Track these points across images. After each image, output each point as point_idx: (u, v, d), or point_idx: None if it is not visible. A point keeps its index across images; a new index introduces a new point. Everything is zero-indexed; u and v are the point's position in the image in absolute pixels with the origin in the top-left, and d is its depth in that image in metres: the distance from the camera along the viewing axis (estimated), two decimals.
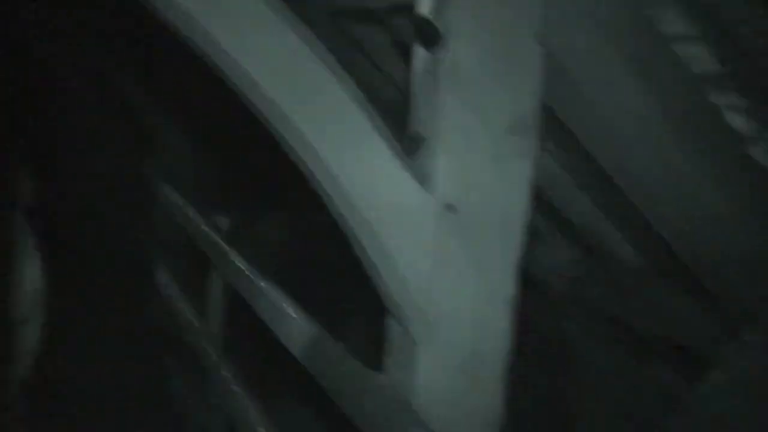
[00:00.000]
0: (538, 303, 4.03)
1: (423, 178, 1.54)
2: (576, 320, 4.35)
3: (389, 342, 1.73)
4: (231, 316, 3.29)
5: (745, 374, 2.08)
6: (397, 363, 1.71)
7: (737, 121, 1.97)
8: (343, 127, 1.49)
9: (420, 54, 1.60)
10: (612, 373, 4.47)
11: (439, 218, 1.56)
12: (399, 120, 1.66)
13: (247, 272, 2.78)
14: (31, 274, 3.32)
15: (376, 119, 1.51)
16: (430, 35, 1.51)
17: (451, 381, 1.65)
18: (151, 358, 3.55)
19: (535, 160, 1.64)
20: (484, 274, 1.64)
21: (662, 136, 1.77)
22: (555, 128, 2.09)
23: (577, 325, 4.36)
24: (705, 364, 2.31)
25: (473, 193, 1.59)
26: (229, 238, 3.24)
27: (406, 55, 1.90)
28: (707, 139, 1.79)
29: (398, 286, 1.58)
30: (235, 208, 4.15)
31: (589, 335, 4.41)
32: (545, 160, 2.95)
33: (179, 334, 3.69)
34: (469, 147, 1.55)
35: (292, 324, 2.21)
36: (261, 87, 1.43)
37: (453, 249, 1.60)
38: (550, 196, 3.24)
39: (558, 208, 3.34)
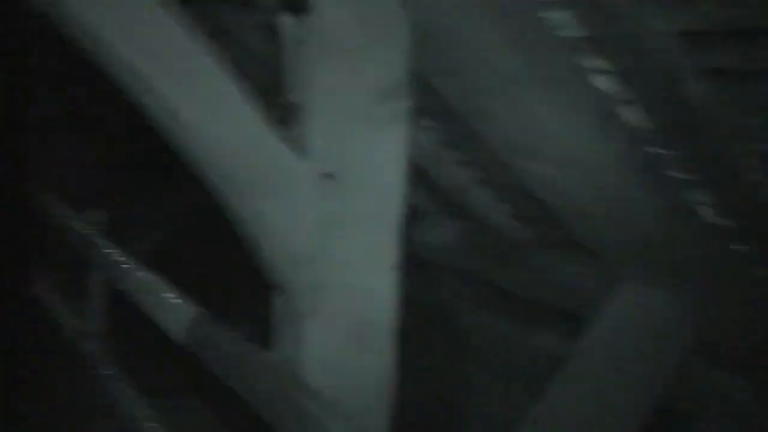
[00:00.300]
0: (424, 278, 4.08)
1: (298, 147, 1.52)
2: (461, 293, 4.43)
3: (276, 317, 1.71)
4: (113, 311, 3.19)
5: (620, 326, 2.16)
6: (285, 338, 1.69)
7: (605, 84, 2.03)
8: (214, 101, 1.46)
9: (288, 23, 1.58)
10: (500, 341, 4.58)
11: (317, 186, 1.55)
12: (271, 95, 1.63)
13: (124, 264, 2.70)
14: None
15: (247, 92, 1.48)
16: (297, 2, 1.49)
17: (341, 350, 1.64)
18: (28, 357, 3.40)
19: (409, 126, 1.65)
20: (366, 241, 1.64)
21: (531, 98, 1.81)
22: (432, 105, 2.11)
23: (463, 298, 4.44)
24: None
25: (350, 159, 1.58)
26: (104, 232, 3.13)
27: (274, 34, 1.88)
28: (575, 100, 1.84)
29: (280, 258, 1.56)
30: (111, 200, 4.01)
31: (475, 307, 4.50)
32: (424, 138, 2.97)
33: (59, 333, 3.55)
34: (343, 113, 1.54)
35: (173, 310, 2.16)
36: (129, 62, 1.38)
37: (334, 217, 1.59)
38: (430, 174, 3.28)
39: (439, 185, 3.38)
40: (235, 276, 3.00)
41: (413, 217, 1.67)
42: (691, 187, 1.94)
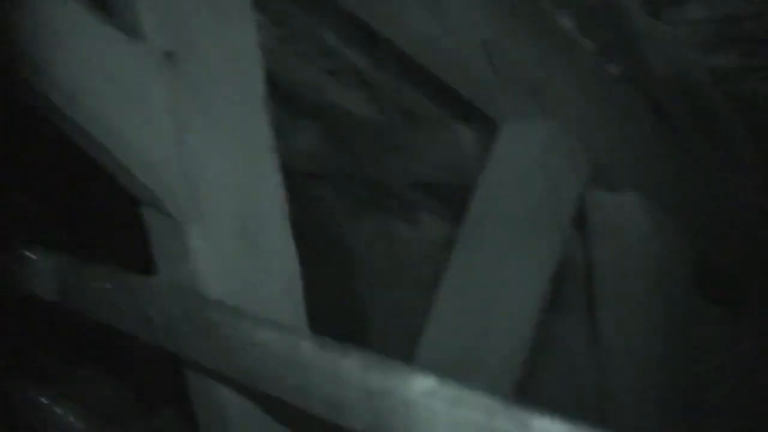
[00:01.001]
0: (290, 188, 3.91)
1: (130, 28, 1.29)
2: (334, 197, 4.30)
3: (152, 235, 1.50)
4: None
5: (509, 178, 2.06)
6: (167, 255, 1.49)
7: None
8: None
9: None
10: (382, 240, 4.50)
11: (161, 72, 1.33)
12: None
13: None
14: None
15: None
16: None
17: (234, 256, 1.46)
18: None
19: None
20: (233, 129, 1.45)
21: None
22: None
23: (336, 202, 4.31)
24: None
25: (194, 37, 1.37)
26: None
27: None
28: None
29: (139, 164, 1.35)
30: None
31: (351, 209, 4.39)
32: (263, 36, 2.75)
33: None
34: None
35: (35, 268, 1.89)
36: None
37: (188, 108, 1.38)
38: (277, 74, 3.07)
39: (287, 84, 3.18)
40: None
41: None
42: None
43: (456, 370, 1.85)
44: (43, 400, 2.21)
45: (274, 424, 1.55)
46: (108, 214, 3.09)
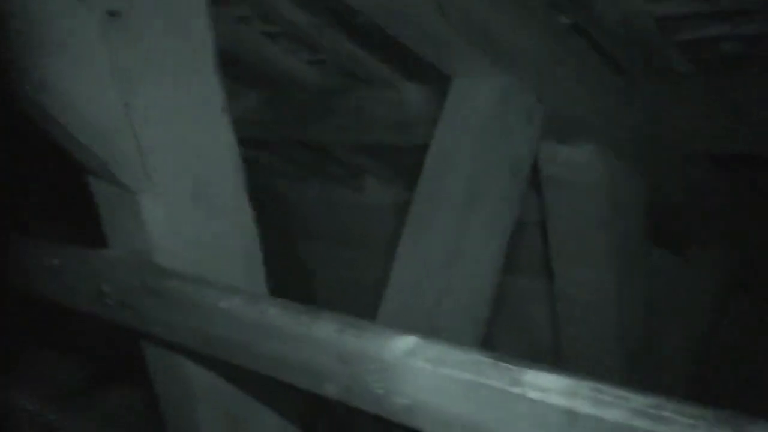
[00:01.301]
0: None
1: None
2: (279, 165, 4.23)
3: (102, 207, 1.43)
4: None
5: (463, 131, 2.02)
6: (119, 227, 1.42)
7: None
8: None
9: None
10: (333, 207, 4.45)
11: (104, 33, 1.25)
12: None
13: None
14: None
15: None
16: None
17: (188, 219, 1.40)
18: None
19: None
20: (184, 94, 1.38)
21: None
22: None
23: (281, 170, 4.25)
24: None
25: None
26: None
27: None
28: None
29: (85, 130, 1.27)
30: None
31: (297, 177, 4.32)
32: None
33: None
34: None
35: None
36: None
37: (136, 70, 1.31)
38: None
39: (226, 49, 3.08)
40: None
41: None
42: None
43: (419, 333, 1.82)
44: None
45: (243, 396, 1.50)
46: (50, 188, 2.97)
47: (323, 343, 1.05)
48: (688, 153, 2.31)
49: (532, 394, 0.84)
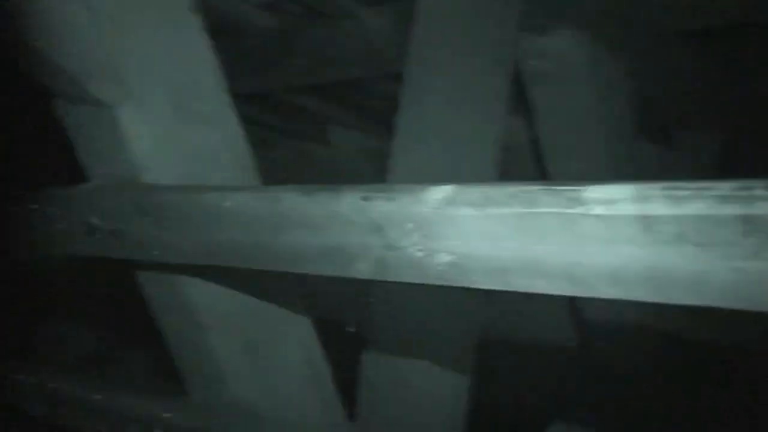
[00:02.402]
0: None
1: None
2: None
3: (76, 131, 1.32)
4: None
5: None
6: (98, 150, 1.31)
7: None
8: None
9: None
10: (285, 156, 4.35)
11: None
12: None
13: None
14: None
15: None
16: None
17: (173, 134, 1.29)
18: None
19: None
20: None
21: None
22: None
23: None
24: None
25: None
26: None
27: None
28: None
29: (52, 43, 1.16)
30: None
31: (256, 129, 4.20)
32: None
33: None
34: None
35: None
36: None
37: None
38: None
39: None
40: None
41: None
42: None
43: None
44: None
45: (259, 321, 1.41)
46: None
47: (350, 217, 0.96)
48: (668, 32, 2.25)
49: (597, 210, 0.76)
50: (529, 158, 2.56)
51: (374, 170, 1.82)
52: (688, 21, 2.17)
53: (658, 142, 2.75)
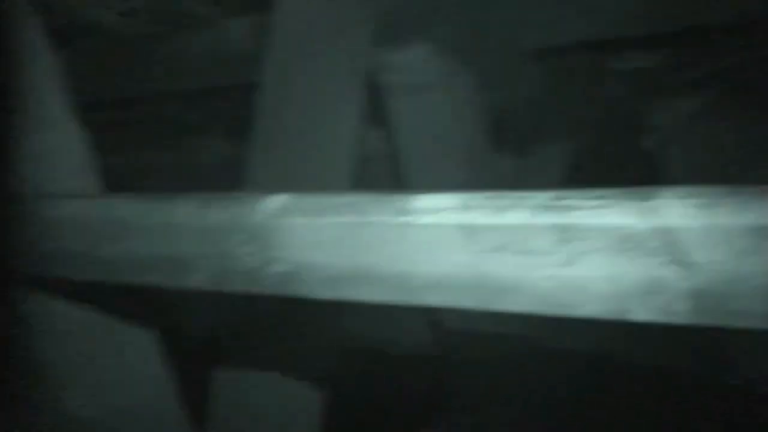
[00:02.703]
0: None
1: None
2: None
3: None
4: None
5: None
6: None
7: None
8: None
9: None
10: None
11: None
12: None
13: None
14: None
15: None
16: None
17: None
18: None
19: None
20: None
21: None
22: None
23: None
24: None
25: None
26: None
27: None
28: None
29: None
30: None
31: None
32: None
33: None
34: None
35: None
36: None
37: None
38: None
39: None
40: None
41: None
42: None
43: None
44: None
45: (96, 319, 1.36)
46: None
47: (184, 226, 0.94)
48: (521, 47, 2.32)
49: (424, 219, 0.78)
50: (389, 170, 2.59)
51: (232, 179, 1.80)
52: (541, 38, 2.25)
53: (513, 153, 2.83)
